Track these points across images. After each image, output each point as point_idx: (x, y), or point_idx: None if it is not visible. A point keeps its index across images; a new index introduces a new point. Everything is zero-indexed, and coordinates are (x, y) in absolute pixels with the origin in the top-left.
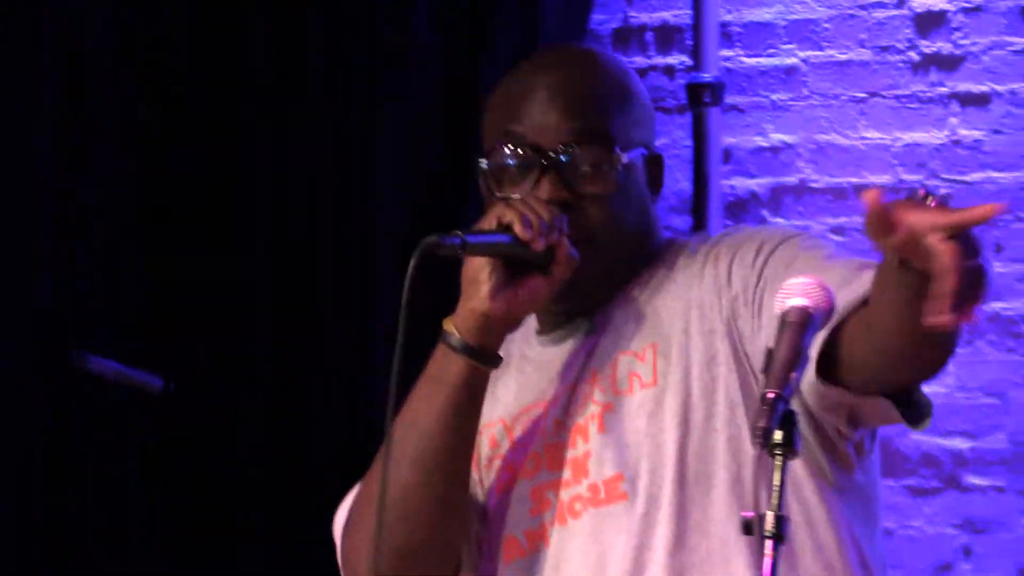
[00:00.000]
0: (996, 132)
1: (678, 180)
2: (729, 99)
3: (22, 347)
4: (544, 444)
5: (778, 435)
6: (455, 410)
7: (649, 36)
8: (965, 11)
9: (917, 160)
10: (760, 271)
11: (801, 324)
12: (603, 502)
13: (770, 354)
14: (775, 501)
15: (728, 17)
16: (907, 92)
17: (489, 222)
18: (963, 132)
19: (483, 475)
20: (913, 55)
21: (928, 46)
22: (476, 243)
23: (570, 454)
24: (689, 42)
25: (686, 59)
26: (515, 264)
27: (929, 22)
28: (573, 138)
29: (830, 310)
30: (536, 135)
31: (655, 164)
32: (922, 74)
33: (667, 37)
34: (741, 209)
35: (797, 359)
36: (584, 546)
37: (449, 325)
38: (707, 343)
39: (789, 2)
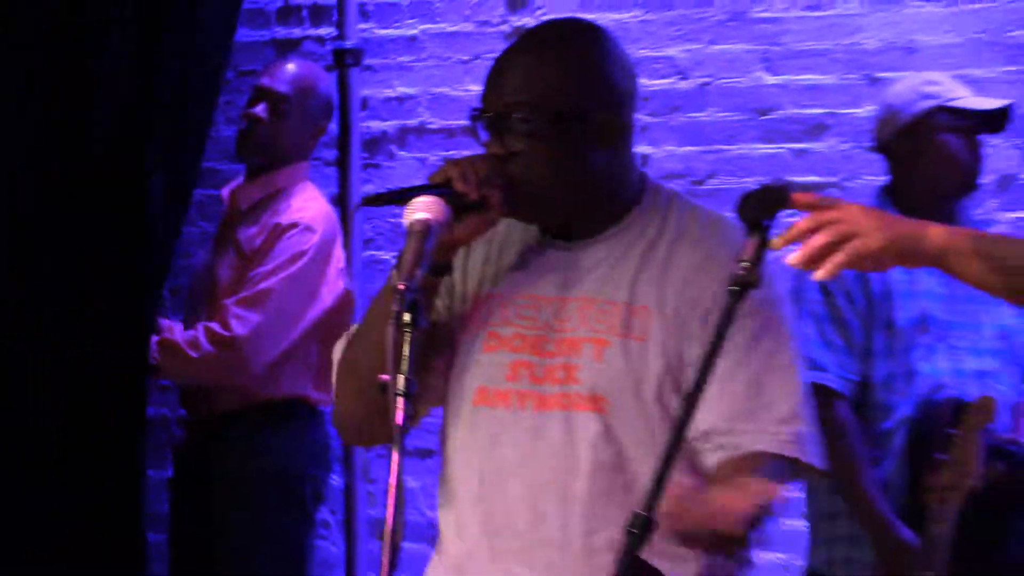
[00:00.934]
0: None
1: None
2: (366, 61)
3: None
4: (534, 332)
5: (407, 316)
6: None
7: (305, 13)
8: None
9: None
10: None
11: (423, 233)
12: (587, 408)
13: (400, 256)
14: (405, 367)
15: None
16: None
17: (438, 176)
18: None
19: (463, 324)
20: (505, 27)
21: (516, 20)
22: (417, 190)
23: (560, 360)
24: (335, 18)
25: (333, 30)
26: (458, 206)
27: (517, 3)
28: (508, 106)
29: (447, 220)
30: (488, 105)
31: (607, 125)
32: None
33: (318, 14)
34: (375, 146)
35: (419, 260)
36: (556, 432)
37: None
38: (676, 329)
39: None
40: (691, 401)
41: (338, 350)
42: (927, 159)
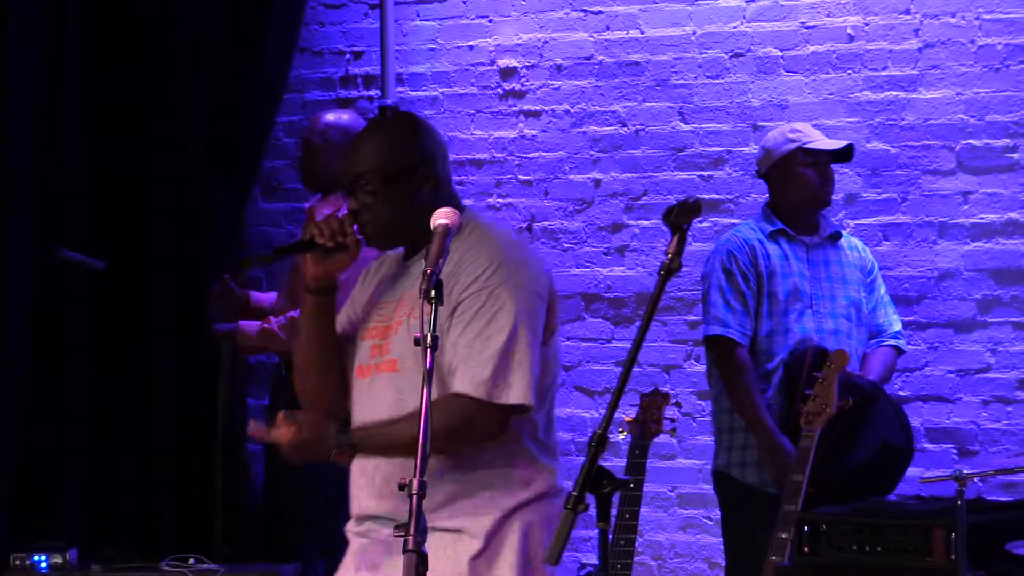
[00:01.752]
0: None
1: None
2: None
3: (19, 243)
4: (383, 324)
5: (432, 292)
6: (311, 320)
7: (359, 80)
8: None
9: None
10: (452, 311)
11: (444, 234)
12: (389, 370)
13: (428, 250)
14: (430, 328)
15: (400, 70)
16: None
17: (305, 234)
18: None
19: (354, 335)
20: (499, 91)
21: (507, 86)
22: (292, 248)
23: (382, 339)
24: (380, 84)
25: (378, 92)
26: (324, 251)
27: (507, 73)
28: (356, 175)
29: (460, 225)
30: (345, 175)
31: (424, 176)
32: None
33: (369, 81)
34: None
35: (442, 252)
36: (380, 389)
37: (305, 281)
38: (444, 308)
39: (433, 61)
40: None
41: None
42: (792, 185)
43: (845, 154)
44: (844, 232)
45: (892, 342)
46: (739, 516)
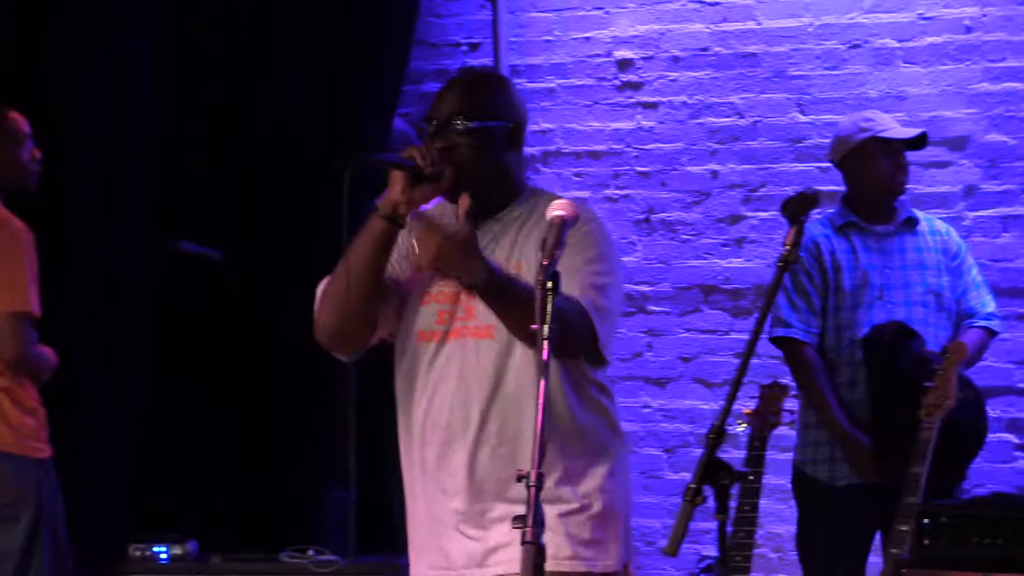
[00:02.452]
0: None
1: None
2: None
3: (145, 237)
4: (451, 288)
5: (549, 284)
6: (373, 247)
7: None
8: None
9: None
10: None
11: (561, 226)
12: (483, 336)
13: (544, 241)
14: (548, 318)
15: (517, 61)
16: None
17: (406, 154)
18: None
19: (406, 283)
20: (616, 82)
21: (624, 77)
22: (388, 160)
23: (464, 304)
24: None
25: None
26: (416, 176)
27: (624, 65)
28: (448, 115)
29: (577, 217)
30: (433, 115)
31: (515, 134)
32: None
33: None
34: (526, 164)
35: (558, 244)
36: (462, 354)
37: (378, 204)
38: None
39: (550, 53)
40: None
41: (322, 285)
42: (866, 174)
43: (918, 142)
44: (925, 216)
45: (983, 323)
46: (811, 512)
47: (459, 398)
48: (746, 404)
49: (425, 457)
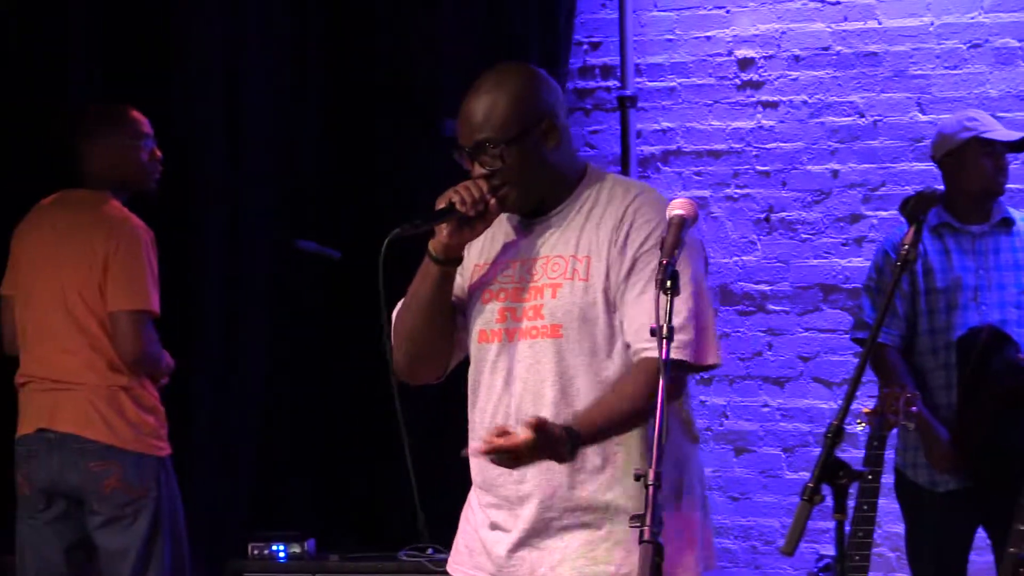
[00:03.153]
0: None
1: (613, 146)
2: (640, 104)
3: (258, 234)
4: (513, 286)
5: (669, 283)
6: (433, 290)
7: (597, 71)
8: None
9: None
10: (630, 270)
11: (680, 224)
12: (549, 335)
13: (663, 240)
14: (665, 319)
15: (639, 60)
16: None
17: (443, 201)
18: None
19: (467, 293)
20: (737, 81)
21: (744, 76)
22: (430, 221)
23: (530, 303)
24: (619, 74)
25: (617, 83)
26: (463, 219)
27: (744, 64)
28: (479, 141)
29: (696, 216)
30: (464, 141)
31: (549, 130)
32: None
33: (607, 72)
34: (646, 163)
35: (678, 243)
36: (530, 355)
37: (430, 246)
38: (607, 267)
39: (671, 52)
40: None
41: (396, 315)
42: (966, 174)
43: (1021, 145)
44: (1022, 215)
45: None
46: (914, 515)
47: (525, 401)
48: (865, 403)
49: (491, 468)
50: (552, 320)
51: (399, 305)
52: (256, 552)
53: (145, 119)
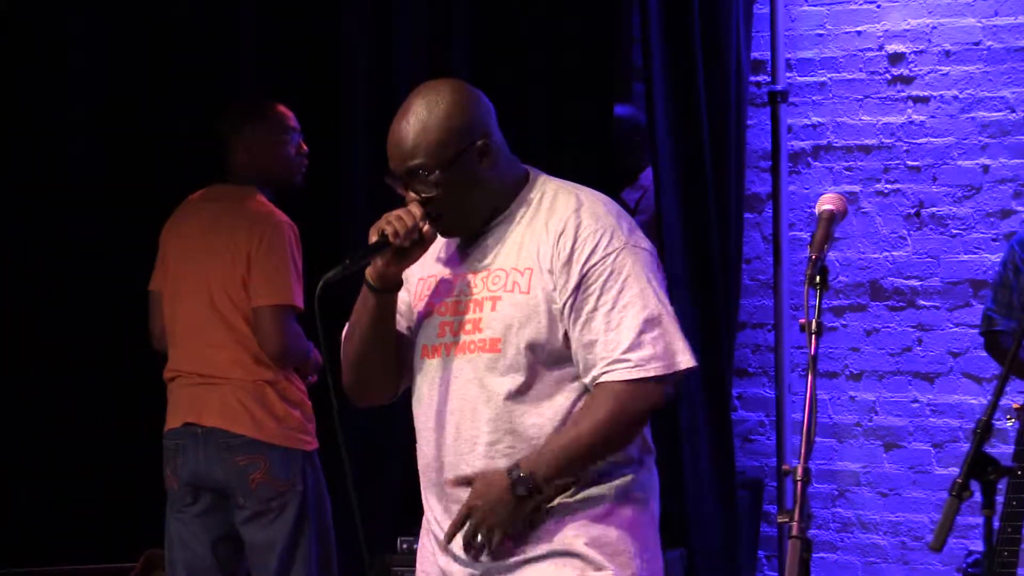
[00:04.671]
0: None
1: (763, 141)
2: (791, 99)
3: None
4: (453, 299)
5: (817, 279)
6: (374, 317)
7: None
8: None
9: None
10: (577, 286)
11: (830, 219)
12: (487, 350)
13: (813, 235)
14: (817, 316)
15: (789, 55)
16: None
17: (374, 233)
18: None
19: (413, 310)
20: (887, 76)
21: (895, 71)
22: (364, 256)
23: (470, 316)
24: (769, 69)
25: (767, 78)
26: (400, 249)
27: (895, 59)
28: (410, 168)
29: (845, 211)
30: (396, 168)
31: (484, 150)
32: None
33: (757, 67)
34: (797, 158)
35: (827, 238)
36: (469, 370)
37: (367, 275)
38: (550, 280)
39: (821, 47)
40: None
41: (342, 340)
42: None
43: None
44: None
45: None
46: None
47: (464, 419)
48: (1015, 399)
49: (440, 480)
50: (491, 334)
51: (345, 329)
52: (405, 546)
53: (291, 113)
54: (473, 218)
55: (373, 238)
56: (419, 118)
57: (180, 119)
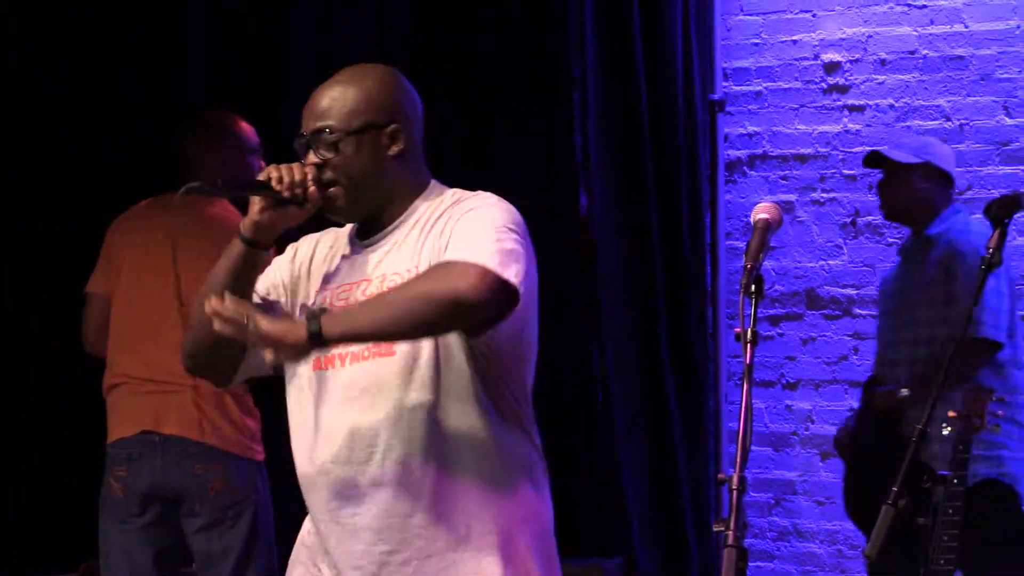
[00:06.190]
0: None
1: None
2: (728, 108)
3: None
4: (345, 305)
5: (753, 288)
6: (234, 273)
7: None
8: None
9: None
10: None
11: (765, 228)
12: (382, 355)
13: (748, 244)
14: (753, 325)
15: (725, 64)
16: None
17: (263, 175)
18: None
19: (296, 294)
20: (823, 85)
21: (831, 80)
22: (237, 187)
23: None
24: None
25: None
26: (278, 200)
27: (831, 68)
28: (318, 127)
29: (781, 220)
30: (304, 128)
31: (395, 135)
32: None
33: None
34: (733, 167)
35: (762, 247)
36: (366, 376)
37: (240, 224)
38: None
39: (757, 56)
40: None
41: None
42: None
43: None
44: None
45: None
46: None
47: (362, 425)
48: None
49: (325, 496)
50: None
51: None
52: None
53: (251, 128)
54: (362, 203)
55: (260, 179)
56: (341, 86)
57: (130, 126)
